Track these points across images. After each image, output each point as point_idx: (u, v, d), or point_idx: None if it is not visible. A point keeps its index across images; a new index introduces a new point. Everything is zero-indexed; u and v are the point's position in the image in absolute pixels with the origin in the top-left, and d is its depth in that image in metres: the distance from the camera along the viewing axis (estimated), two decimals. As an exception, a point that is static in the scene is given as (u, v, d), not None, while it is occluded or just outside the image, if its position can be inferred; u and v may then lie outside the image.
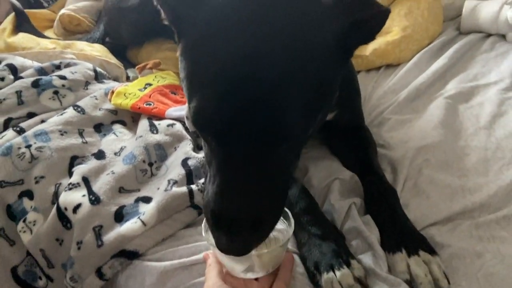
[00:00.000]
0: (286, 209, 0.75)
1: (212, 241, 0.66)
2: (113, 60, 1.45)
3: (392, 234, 0.81)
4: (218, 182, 0.63)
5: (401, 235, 0.80)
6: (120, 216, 0.88)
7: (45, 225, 0.91)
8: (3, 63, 1.26)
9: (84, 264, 0.85)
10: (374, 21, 0.66)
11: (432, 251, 0.77)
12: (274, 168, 0.64)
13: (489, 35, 1.52)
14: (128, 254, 0.83)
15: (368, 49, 1.42)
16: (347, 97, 1.00)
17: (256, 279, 0.74)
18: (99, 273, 0.84)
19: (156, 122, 1.11)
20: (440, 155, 1.01)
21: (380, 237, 0.82)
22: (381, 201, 0.87)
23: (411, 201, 0.91)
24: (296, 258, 0.81)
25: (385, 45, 1.41)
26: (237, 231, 0.62)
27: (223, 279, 0.71)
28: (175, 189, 0.90)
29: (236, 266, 0.71)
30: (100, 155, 1.01)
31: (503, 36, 1.50)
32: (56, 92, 1.17)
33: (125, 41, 1.62)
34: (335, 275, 0.74)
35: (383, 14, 0.65)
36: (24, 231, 0.94)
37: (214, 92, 0.59)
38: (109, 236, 0.84)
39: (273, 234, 0.73)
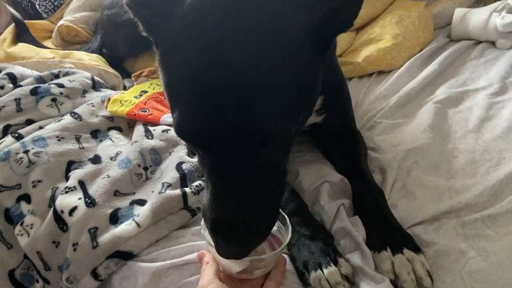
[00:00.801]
0: (285, 215, 0.78)
1: (210, 240, 0.68)
2: (111, 69, 1.48)
3: (377, 233, 0.83)
4: (210, 189, 0.65)
5: (387, 234, 0.82)
6: (115, 219, 0.90)
7: (42, 228, 0.93)
8: (3, 72, 1.29)
9: (79, 265, 0.86)
10: (348, 8, 0.64)
11: (416, 249, 0.79)
12: (262, 170, 0.64)
13: (478, 42, 1.56)
14: (122, 255, 0.85)
15: (360, 56, 1.45)
16: (335, 101, 1.03)
17: (250, 278, 0.76)
18: (94, 273, 0.85)
19: (151, 128, 1.13)
20: (429, 157, 1.03)
21: (366, 237, 0.84)
22: (368, 201, 0.90)
23: (399, 202, 0.93)
24: (286, 257, 0.83)
25: (377, 52, 1.45)
26: (234, 236, 0.64)
27: (218, 277, 0.73)
28: (169, 191, 0.92)
29: (233, 266, 0.73)
30: (96, 159, 1.04)
31: (492, 43, 1.53)
32: (54, 100, 1.20)
33: (121, 53, 1.65)
34: (323, 273, 0.76)
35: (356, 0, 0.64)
36: (22, 234, 0.96)
37: (190, 104, 0.59)
38: (104, 238, 0.86)
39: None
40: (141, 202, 0.94)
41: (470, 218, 0.86)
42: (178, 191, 0.92)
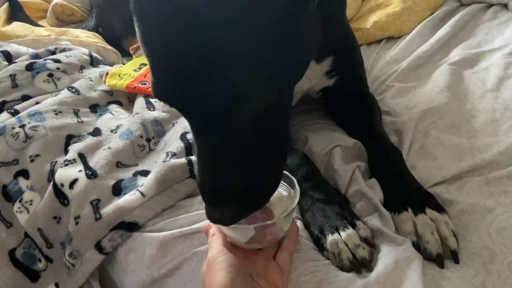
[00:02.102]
0: (292, 177, 0.73)
1: None
2: (109, 46, 1.43)
3: (397, 193, 0.78)
4: (196, 152, 0.60)
5: (407, 194, 0.77)
6: (118, 190, 0.86)
7: (41, 203, 0.89)
8: (-2, 50, 1.24)
9: (82, 238, 0.82)
10: None
11: (439, 209, 0.74)
12: (248, 134, 0.58)
13: (490, 5, 1.48)
14: (127, 226, 0.81)
15: (368, 22, 1.39)
16: (347, 62, 0.98)
17: (260, 249, 0.71)
18: (99, 247, 0.81)
19: (152, 100, 1.08)
20: (447, 117, 0.97)
21: (384, 199, 0.79)
22: (385, 161, 0.84)
23: (418, 163, 0.88)
24: (300, 224, 0.78)
25: (386, 17, 1.38)
26: (220, 201, 0.59)
27: (228, 248, 0.68)
28: (174, 160, 0.87)
29: (238, 237, 0.68)
30: (96, 132, 0.99)
31: (504, 6, 1.46)
32: (50, 75, 1.15)
33: (118, 32, 1.58)
34: (340, 236, 0.71)
35: None
36: (21, 211, 0.91)
37: (160, 65, 0.54)
38: (108, 209, 0.82)
39: (276, 203, 0.71)
40: (145, 173, 0.89)
41: (495, 175, 0.81)
42: (183, 160, 0.87)
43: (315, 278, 0.67)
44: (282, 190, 0.74)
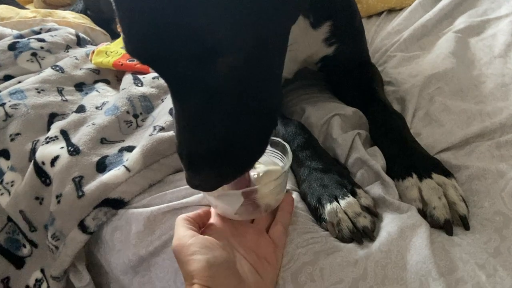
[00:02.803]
0: (285, 143, 0.67)
1: None
2: (97, 27, 1.37)
3: (400, 159, 0.72)
4: (174, 115, 0.55)
5: (410, 160, 0.71)
6: (102, 166, 0.81)
7: (22, 183, 0.84)
8: (-20, 32, 1.19)
9: (65, 218, 0.77)
10: None
11: (447, 173, 0.68)
12: (224, 90, 0.52)
13: (496, -25, 1.42)
14: (112, 203, 0.76)
15: (367, -6, 1.32)
16: (346, 29, 0.92)
17: (252, 221, 0.65)
18: (82, 226, 0.76)
19: (140, 76, 1.03)
20: (453, 82, 0.91)
21: (386, 166, 0.73)
22: (387, 126, 0.78)
23: (423, 130, 0.82)
24: (297, 196, 0.73)
25: (386, -12, 1.32)
26: (199, 165, 0.54)
27: (196, 229, 0.62)
28: (162, 133, 0.81)
29: (225, 206, 0.63)
30: (80, 109, 0.93)
31: (511, -25, 1.40)
32: (34, 54, 1.10)
33: (106, 14, 1.52)
34: (340, 204, 0.65)
35: None
36: (2, 194, 0.86)
37: (127, 20, 0.50)
38: (91, 186, 0.76)
39: (266, 169, 0.65)
40: (131, 149, 0.83)
41: (507, 138, 0.75)
42: (171, 132, 0.82)
43: (313, 250, 0.61)
44: (275, 158, 0.69)
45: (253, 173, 0.64)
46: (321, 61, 0.95)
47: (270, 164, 0.67)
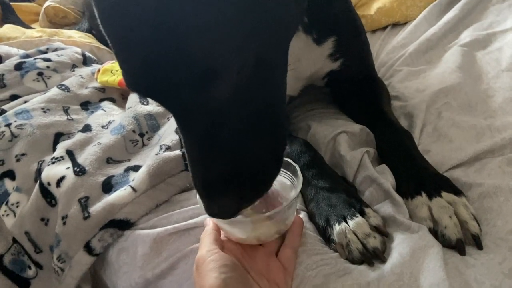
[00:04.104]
0: (295, 164, 0.66)
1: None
2: (103, 46, 1.38)
3: (409, 177, 0.71)
4: (184, 145, 0.54)
5: (419, 178, 0.70)
6: (108, 187, 0.80)
7: (28, 204, 0.83)
8: (-13, 52, 1.19)
9: (71, 240, 0.76)
10: None
11: (456, 191, 0.67)
12: (230, 113, 0.51)
13: (500, -12, 1.42)
14: (118, 224, 0.75)
15: (372, 8, 1.33)
16: (351, 43, 0.91)
17: (261, 245, 0.64)
18: (88, 248, 0.75)
19: (147, 95, 1.02)
20: (461, 97, 0.90)
21: (396, 184, 0.72)
22: (394, 144, 0.78)
23: (432, 146, 0.80)
24: (305, 216, 0.72)
25: (390, 3, 1.32)
26: (216, 193, 0.53)
27: (220, 246, 0.61)
28: (168, 153, 0.81)
29: (236, 232, 0.62)
30: (86, 128, 0.93)
31: (515, -12, 1.39)
32: (40, 74, 1.10)
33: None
34: (348, 225, 0.64)
35: None
36: (7, 215, 0.86)
37: (121, 53, 0.49)
38: (97, 207, 0.76)
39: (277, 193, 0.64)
40: (137, 168, 0.83)
41: (518, 154, 0.74)
42: (177, 152, 0.81)
43: (323, 272, 0.60)
44: (285, 179, 0.68)
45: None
46: (327, 76, 0.94)
47: (281, 186, 0.66)
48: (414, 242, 0.61)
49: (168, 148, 0.83)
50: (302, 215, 0.71)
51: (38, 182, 0.83)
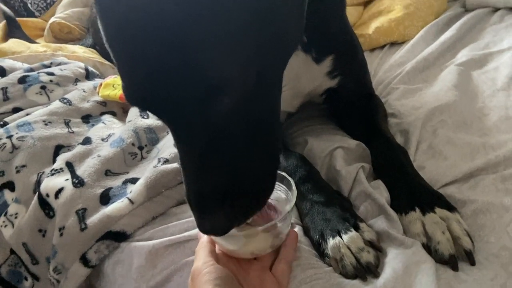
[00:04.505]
0: (289, 178, 0.67)
1: None
2: (106, 61, 1.40)
3: (403, 193, 0.72)
4: (180, 159, 0.55)
5: (413, 194, 0.71)
6: (106, 199, 0.81)
7: (26, 215, 0.84)
8: (-9, 65, 1.22)
9: (67, 251, 0.76)
10: None
11: (450, 207, 0.68)
12: (228, 130, 0.51)
13: (496, 9, 1.44)
14: (114, 236, 0.75)
15: (370, 28, 1.35)
16: (349, 62, 0.93)
17: (256, 258, 0.65)
18: (84, 259, 0.75)
19: (147, 109, 1.04)
20: (457, 115, 0.91)
21: (390, 200, 0.73)
22: (389, 160, 0.78)
23: (427, 163, 0.81)
24: (300, 230, 0.72)
25: (388, 22, 1.34)
26: (209, 209, 0.53)
27: (215, 259, 0.61)
28: (165, 165, 0.82)
29: (229, 245, 0.62)
30: (86, 141, 0.94)
31: (511, 9, 1.41)
32: (43, 87, 1.12)
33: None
34: (342, 239, 0.64)
35: None
36: (6, 226, 0.87)
37: (125, 65, 0.50)
38: (94, 218, 0.76)
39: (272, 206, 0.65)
40: (135, 181, 0.83)
41: (511, 172, 0.74)
42: (175, 164, 0.82)
43: (316, 287, 0.60)
44: (280, 192, 0.69)
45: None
46: (325, 93, 0.96)
47: (276, 200, 0.67)
48: (407, 257, 0.61)
49: (166, 161, 0.84)
50: (297, 229, 0.72)
51: (37, 193, 0.83)
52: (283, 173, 0.67)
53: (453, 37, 1.26)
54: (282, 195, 0.68)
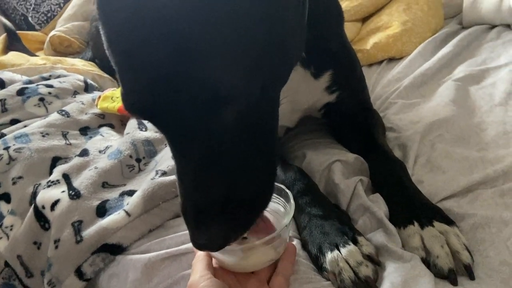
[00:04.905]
0: (287, 190, 0.67)
1: None
2: (105, 74, 1.40)
3: (401, 207, 0.72)
4: (176, 171, 0.54)
5: (412, 207, 0.70)
6: (102, 211, 0.80)
7: (21, 227, 0.83)
8: (-10, 77, 1.22)
9: (62, 264, 0.75)
10: None
11: (448, 221, 0.68)
12: (228, 142, 0.51)
13: (493, 27, 1.46)
14: (110, 249, 0.74)
15: (368, 44, 1.36)
16: (347, 77, 0.93)
17: (253, 272, 0.64)
18: (79, 272, 0.74)
19: (145, 121, 1.04)
20: (455, 130, 0.92)
21: (389, 214, 0.72)
22: (388, 174, 0.78)
23: (425, 177, 0.81)
24: (298, 243, 0.71)
25: (386, 38, 1.35)
26: (204, 223, 0.52)
27: (212, 272, 0.61)
28: (163, 178, 0.81)
29: (227, 259, 0.62)
30: (83, 153, 0.94)
31: (508, 26, 1.42)
32: (42, 99, 1.12)
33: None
34: (341, 253, 0.64)
35: None
36: (1, 238, 0.85)
37: (126, 72, 0.49)
38: (90, 231, 0.76)
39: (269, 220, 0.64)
40: (132, 193, 0.83)
41: (510, 186, 0.74)
42: (173, 177, 0.81)
43: (314, 300, 0.60)
44: (278, 205, 0.68)
45: None
46: (323, 107, 0.96)
47: (272, 212, 0.66)
48: (406, 271, 0.61)
49: (164, 174, 0.84)
50: (295, 242, 0.71)
51: (33, 205, 0.83)
52: (281, 186, 0.67)
53: (450, 53, 1.27)
54: (281, 208, 0.68)
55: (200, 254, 0.64)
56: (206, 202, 0.51)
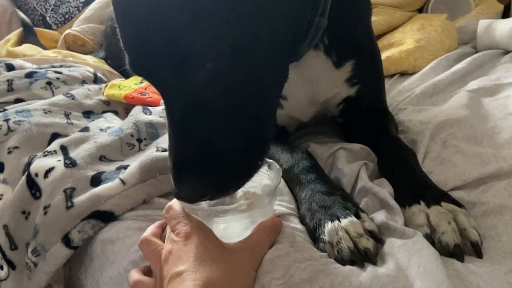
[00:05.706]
0: (274, 162, 0.66)
1: None
2: (116, 72, 1.40)
3: (408, 188, 0.67)
4: (168, 129, 0.59)
5: (419, 188, 0.66)
6: (97, 181, 0.77)
7: (11, 196, 0.80)
8: (2, 62, 1.22)
9: (49, 230, 0.72)
10: None
11: (457, 204, 0.63)
12: (204, 100, 0.55)
13: (506, 52, 1.45)
14: (102, 216, 0.71)
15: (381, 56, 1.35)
16: (368, 70, 0.91)
17: None
18: (66, 239, 0.71)
19: (150, 108, 1.02)
20: (467, 130, 0.88)
21: (394, 194, 0.68)
22: (396, 158, 0.75)
23: (435, 169, 0.77)
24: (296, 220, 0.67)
25: (399, 53, 1.34)
26: (183, 173, 0.56)
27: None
28: (163, 152, 0.79)
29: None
30: (84, 129, 0.92)
31: (522, 52, 1.42)
32: (49, 83, 1.12)
33: (125, 65, 1.57)
34: (341, 223, 0.60)
35: None
36: (-10, 206, 0.82)
37: (126, 37, 0.58)
38: (82, 197, 0.72)
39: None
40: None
41: (525, 179, 0.70)
42: (172, 153, 0.79)
43: (311, 267, 0.55)
44: (266, 180, 0.66)
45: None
46: (342, 102, 0.93)
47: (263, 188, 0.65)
48: (409, 247, 0.57)
49: (165, 150, 0.81)
50: (295, 221, 0.67)
51: (26, 173, 0.80)
52: (270, 160, 0.66)
53: (463, 69, 1.25)
54: (268, 182, 0.65)
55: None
56: (184, 154, 0.56)
